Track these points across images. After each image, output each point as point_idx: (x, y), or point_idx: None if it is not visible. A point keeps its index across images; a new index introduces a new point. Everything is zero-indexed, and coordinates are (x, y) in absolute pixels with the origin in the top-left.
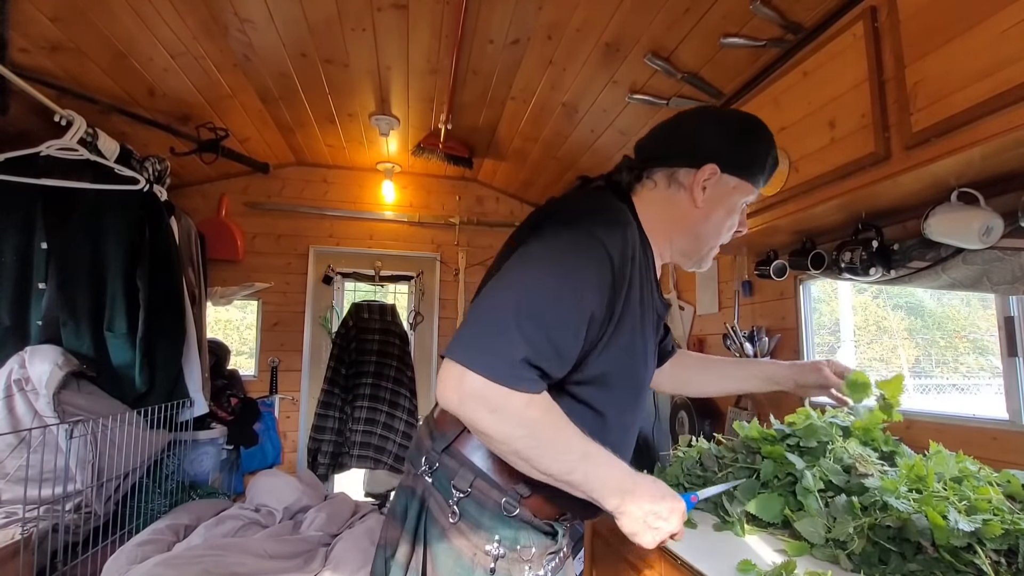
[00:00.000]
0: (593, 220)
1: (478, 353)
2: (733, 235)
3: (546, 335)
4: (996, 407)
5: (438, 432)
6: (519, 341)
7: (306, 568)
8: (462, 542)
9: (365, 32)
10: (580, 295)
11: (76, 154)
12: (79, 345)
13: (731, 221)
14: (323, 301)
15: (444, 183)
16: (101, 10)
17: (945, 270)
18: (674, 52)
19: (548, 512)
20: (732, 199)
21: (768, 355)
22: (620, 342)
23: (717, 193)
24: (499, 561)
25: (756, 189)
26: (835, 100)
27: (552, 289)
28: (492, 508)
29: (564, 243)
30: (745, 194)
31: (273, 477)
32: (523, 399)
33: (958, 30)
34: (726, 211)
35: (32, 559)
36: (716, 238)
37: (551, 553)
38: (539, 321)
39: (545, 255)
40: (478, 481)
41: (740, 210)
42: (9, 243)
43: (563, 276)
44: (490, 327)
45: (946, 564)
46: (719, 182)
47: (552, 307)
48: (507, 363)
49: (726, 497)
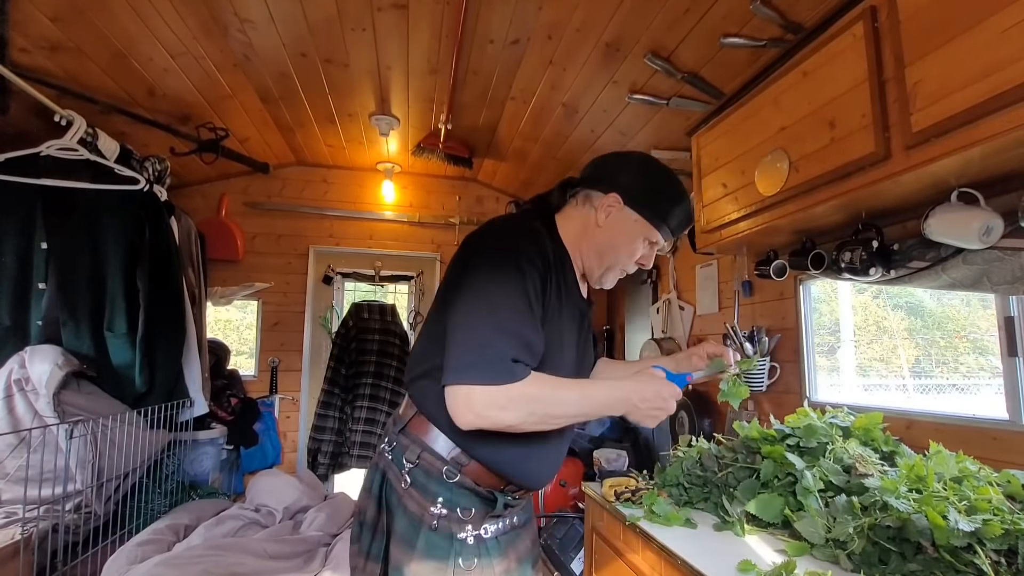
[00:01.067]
0: (512, 236)
1: (476, 370)
2: (634, 266)
3: (517, 337)
4: (996, 407)
5: (399, 418)
6: (502, 347)
7: (306, 568)
8: (412, 504)
9: (365, 32)
10: (528, 299)
11: (76, 154)
12: (79, 345)
13: (631, 250)
14: (323, 301)
15: (444, 183)
16: (101, 10)
17: (945, 270)
18: (674, 52)
19: (488, 480)
20: (633, 231)
21: (768, 355)
22: (547, 338)
23: (618, 220)
24: (440, 520)
25: (659, 233)
26: (835, 100)
27: (510, 301)
28: (436, 475)
29: (499, 260)
30: (647, 232)
31: (273, 477)
32: (520, 385)
33: (958, 30)
34: (626, 239)
35: (32, 559)
36: (615, 261)
37: (492, 516)
38: (509, 328)
39: (493, 276)
40: (424, 454)
41: (644, 245)
42: (9, 243)
43: (512, 288)
44: (475, 346)
45: (946, 564)
46: (621, 211)
47: (515, 315)
48: (501, 366)
49: (726, 497)
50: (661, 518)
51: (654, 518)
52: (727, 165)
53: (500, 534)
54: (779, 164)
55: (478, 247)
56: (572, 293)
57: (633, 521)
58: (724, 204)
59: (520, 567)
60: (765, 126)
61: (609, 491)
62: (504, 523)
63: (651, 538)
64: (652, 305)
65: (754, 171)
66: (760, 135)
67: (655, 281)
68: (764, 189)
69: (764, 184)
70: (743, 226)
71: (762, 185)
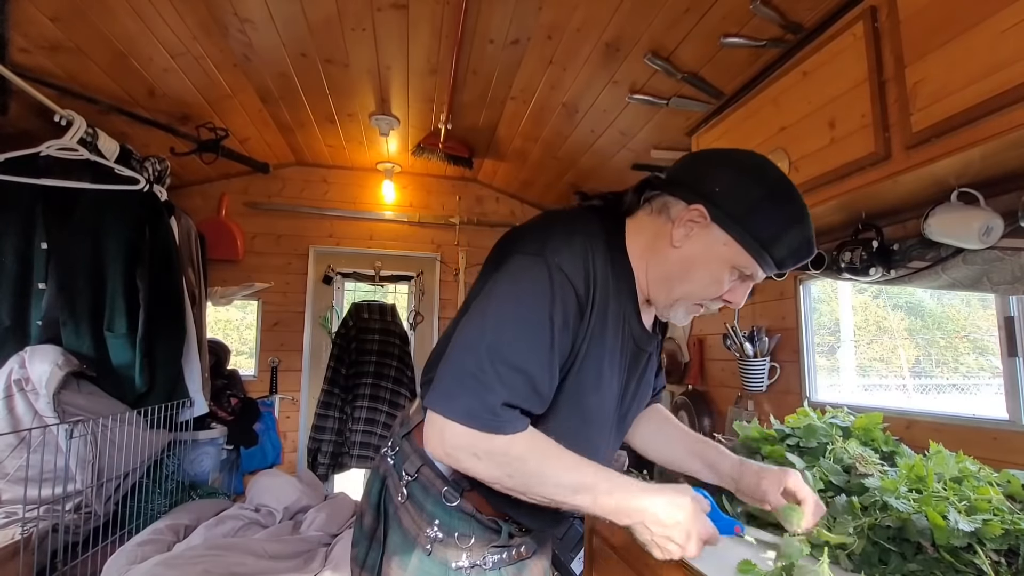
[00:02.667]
0: (557, 246)
1: (457, 403)
2: (719, 303)
3: (521, 375)
4: (996, 407)
5: (406, 420)
6: (496, 385)
7: (306, 568)
8: (408, 521)
9: (365, 32)
10: (549, 323)
11: (76, 154)
12: (79, 345)
13: (713, 279)
14: (323, 301)
15: (444, 183)
16: (101, 10)
17: (945, 270)
18: (674, 52)
19: (489, 510)
20: (718, 256)
21: (768, 355)
22: (574, 372)
23: (701, 241)
24: (435, 544)
25: (758, 264)
26: (835, 100)
27: (522, 328)
28: (434, 495)
29: (530, 276)
30: (739, 260)
31: (273, 477)
32: (505, 440)
33: (958, 30)
34: (707, 266)
35: (32, 559)
36: (688, 293)
37: (495, 547)
38: (513, 362)
39: (511, 291)
40: (424, 468)
41: (731, 275)
42: (9, 243)
43: (533, 312)
44: (466, 375)
45: (946, 564)
46: (706, 229)
47: (524, 345)
48: (487, 410)
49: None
50: None
51: None
52: None
53: (503, 565)
54: (779, 164)
55: (513, 248)
56: (627, 320)
57: None
58: None
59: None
60: (765, 126)
61: None
62: (510, 554)
63: None
64: None
65: None
66: (760, 135)
67: None
68: None
69: None
70: None
71: None
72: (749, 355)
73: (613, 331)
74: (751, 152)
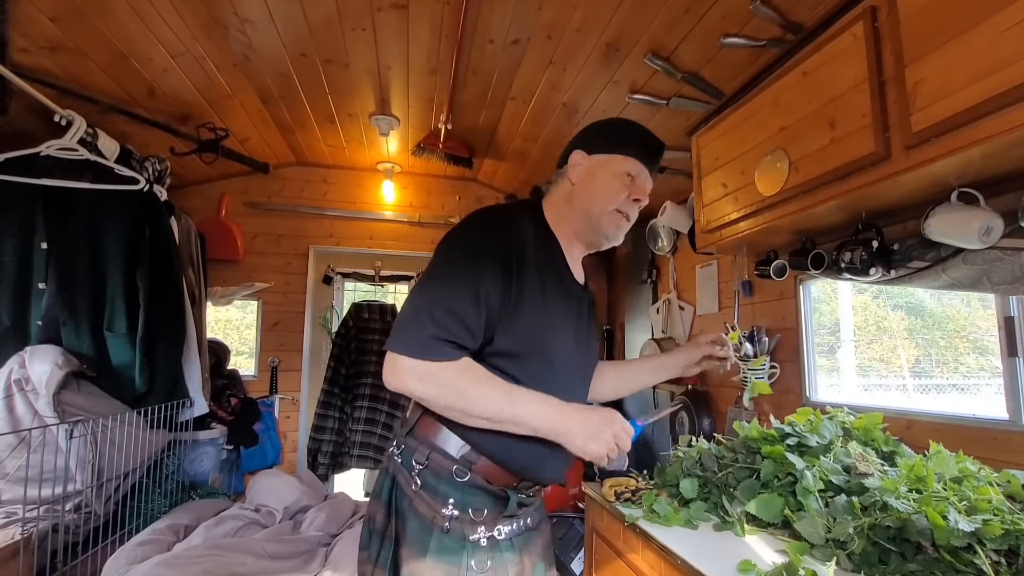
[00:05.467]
0: (482, 223)
1: (402, 341)
2: (632, 202)
3: (451, 316)
4: (996, 407)
5: (405, 421)
6: (428, 323)
7: (306, 568)
8: (423, 507)
9: (365, 32)
10: (474, 276)
11: (76, 154)
12: (79, 345)
13: (611, 187)
14: (323, 301)
15: (444, 183)
16: (101, 10)
17: (945, 270)
18: (674, 52)
19: (500, 478)
20: (603, 169)
21: (768, 355)
22: (522, 320)
23: (587, 169)
24: (452, 521)
25: (632, 158)
26: (835, 100)
27: (451, 277)
28: (446, 476)
29: (458, 243)
30: (619, 166)
31: (273, 477)
32: (439, 365)
33: (958, 30)
34: (603, 182)
35: (32, 559)
36: (603, 206)
37: (506, 517)
38: (443, 304)
39: (445, 255)
40: (433, 454)
41: (625, 181)
42: (9, 243)
43: (458, 265)
44: (408, 320)
45: (946, 564)
46: (587, 160)
47: (451, 290)
48: (421, 341)
49: (726, 497)
50: (661, 518)
51: (654, 518)
52: (727, 165)
53: (514, 535)
54: (779, 164)
55: (452, 233)
56: (560, 276)
57: (633, 521)
58: (724, 204)
59: (534, 570)
60: (765, 126)
61: (609, 491)
62: (518, 524)
63: (651, 538)
64: (652, 305)
65: (754, 171)
66: (760, 135)
67: (655, 281)
68: (764, 189)
69: (764, 184)
70: (743, 226)
71: (762, 185)
72: (750, 356)
73: (551, 283)
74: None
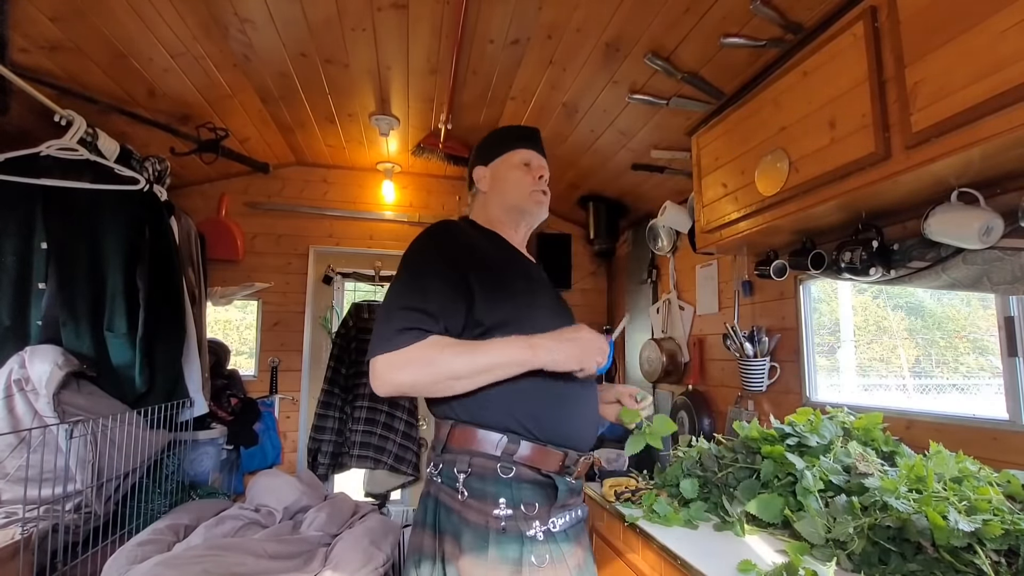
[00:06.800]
0: (428, 234)
1: (374, 346)
2: (538, 180)
3: (407, 308)
4: (996, 407)
5: (436, 441)
6: (395, 320)
7: (306, 568)
8: (474, 515)
9: (365, 32)
10: (428, 271)
11: (76, 154)
12: (79, 345)
13: (516, 178)
14: (323, 301)
15: (444, 183)
16: (101, 10)
17: (945, 270)
18: (674, 52)
19: (542, 459)
20: (506, 166)
21: (768, 355)
22: (492, 295)
23: (492, 174)
24: (507, 521)
25: (517, 148)
26: (835, 100)
27: (404, 282)
28: (491, 475)
29: (408, 257)
30: (512, 160)
31: (273, 477)
32: (408, 348)
33: (958, 30)
34: (505, 178)
35: (32, 559)
36: (516, 196)
37: (559, 507)
38: (399, 303)
39: (401, 266)
40: (475, 459)
41: (521, 170)
42: (9, 243)
43: (413, 268)
44: (376, 330)
45: (946, 564)
46: (487, 170)
47: (405, 288)
48: (387, 339)
49: (726, 497)
50: (661, 518)
51: (654, 518)
52: (727, 165)
53: (568, 527)
54: (779, 164)
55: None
56: (515, 256)
57: (633, 521)
58: (724, 204)
59: (587, 558)
60: (765, 126)
61: (609, 491)
62: (571, 515)
63: (651, 538)
64: (652, 305)
65: (754, 171)
66: (760, 135)
67: (655, 281)
68: (764, 189)
69: (764, 184)
70: (743, 226)
71: (762, 185)
72: (749, 355)
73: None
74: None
